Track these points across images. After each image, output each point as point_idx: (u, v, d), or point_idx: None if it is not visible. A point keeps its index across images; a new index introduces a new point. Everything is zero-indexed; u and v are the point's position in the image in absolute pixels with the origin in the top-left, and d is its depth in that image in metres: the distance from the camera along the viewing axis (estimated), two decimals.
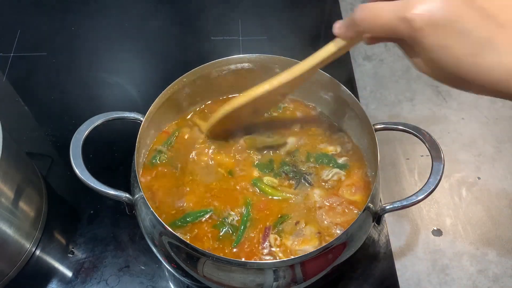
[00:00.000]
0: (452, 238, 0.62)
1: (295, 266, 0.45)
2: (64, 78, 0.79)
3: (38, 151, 0.70)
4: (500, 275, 0.59)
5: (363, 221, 0.48)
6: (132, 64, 0.82)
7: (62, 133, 0.71)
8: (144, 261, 0.59)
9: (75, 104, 0.75)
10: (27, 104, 0.75)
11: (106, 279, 0.58)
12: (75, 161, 0.49)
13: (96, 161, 0.66)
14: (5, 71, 0.78)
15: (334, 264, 0.48)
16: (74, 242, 0.61)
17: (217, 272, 0.46)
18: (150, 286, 0.58)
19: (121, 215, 0.63)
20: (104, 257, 0.60)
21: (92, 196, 0.64)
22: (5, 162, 0.52)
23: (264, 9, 0.89)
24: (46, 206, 0.63)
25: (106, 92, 0.77)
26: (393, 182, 0.67)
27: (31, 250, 0.60)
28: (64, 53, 0.82)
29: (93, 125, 0.52)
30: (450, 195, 0.66)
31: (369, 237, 0.61)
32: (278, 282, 0.46)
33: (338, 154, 0.57)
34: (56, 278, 0.58)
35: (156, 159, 0.56)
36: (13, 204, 0.55)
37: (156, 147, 0.57)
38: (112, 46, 0.83)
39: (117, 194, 0.49)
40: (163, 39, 0.85)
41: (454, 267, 0.60)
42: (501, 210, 0.64)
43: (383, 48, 0.84)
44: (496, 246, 0.62)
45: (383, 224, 0.62)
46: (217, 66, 0.58)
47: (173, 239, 0.46)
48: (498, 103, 0.76)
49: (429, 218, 0.64)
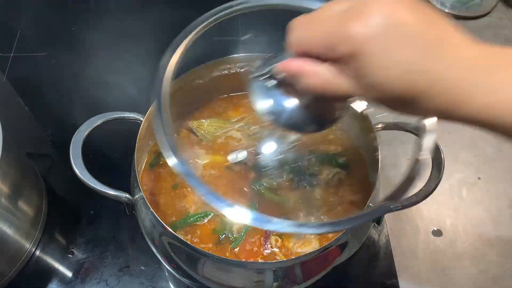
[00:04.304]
0: (452, 239, 0.62)
1: (295, 266, 0.45)
2: (64, 78, 0.79)
3: (38, 151, 0.70)
4: (500, 275, 0.59)
5: None
6: (132, 64, 0.81)
7: (62, 133, 0.71)
8: (144, 261, 0.59)
9: (75, 104, 0.75)
10: (27, 104, 0.75)
11: (106, 279, 0.58)
12: (75, 161, 0.49)
13: (96, 161, 0.66)
14: (5, 71, 0.78)
15: (334, 264, 0.48)
16: (74, 242, 0.61)
17: (217, 272, 0.46)
18: (150, 286, 0.58)
19: (121, 215, 0.63)
20: (104, 257, 0.60)
21: (92, 197, 0.63)
22: (5, 162, 0.52)
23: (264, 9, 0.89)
24: (46, 206, 0.63)
25: (106, 92, 0.77)
26: (393, 182, 0.67)
27: (31, 250, 0.60)
28: (64, 53, 0.81)
29: (93, 125, 0.52)
30: (450, 195, 0.66)
31: (369, 237, 0.61)
32: (278, 282, 0.46)
33: (339, 154, 0.57)
34: (56, 278, 0.58)
35: (156, 160, 0.56)
36: (13, 204, 0.55)
37: (156, 149, 0.57)
38: (112, 46, 0.83)
39: (117, 194, 0.49)
40: (163, 38, 0.85)
41: (454, 267, 0.60)
42: (501, 210, 0.64)
43: None
44: (496, 246, 0.61)
45: (383, 224, 0.62)
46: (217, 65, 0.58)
47: (173, 240, 0.46)
48: None
49: (429, 218, 0.64)
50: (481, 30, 0.85)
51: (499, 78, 0.27)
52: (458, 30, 0.29)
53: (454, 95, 0.27)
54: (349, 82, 0.30)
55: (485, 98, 0.27)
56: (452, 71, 0.27)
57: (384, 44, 0.27)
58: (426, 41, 0.27)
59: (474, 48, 0.28)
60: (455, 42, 0.28)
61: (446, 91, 0.28)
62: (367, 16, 0.28)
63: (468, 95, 0.27)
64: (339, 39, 0.28)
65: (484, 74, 0.27)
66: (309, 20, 0.31)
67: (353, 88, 0.30)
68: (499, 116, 0.27)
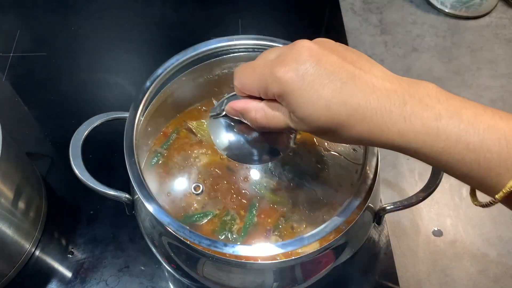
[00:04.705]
0: (453, 239, 0.62)
1: (295, 266, 0.45)
2: (64, 78, 0.79)
3: (38, 151, 0.70)
4: (500, 275, 0.59)
5: (363, 222, 0.48)
6: (132, 64, 0.82)
7: (62, 133, 0.71)
8: (144, 261, 0.59)
9: (75, 104, 0.75)
10: (27, 104, 0.75)
11: (106, 279, 0.58)
12: (74, 161, 0.49)
13: (96, 161, 0.66)
14: (5, 71, 0.78)
15: (334, 265, 0.48)
16: (74, 242, 0.61)
17: (217, 272, 0.46)
18: (150, 286, 0.58)
19: (120, 215, 0.63)
20: (104, 258, 0.60)
21: (92, 197, 0.63)
22: (5, 162, 0.52)
23: (264, 9, 0.89)
24: (46, 206, 0.63)
25: (106, 92, 0.77)
26: (393, 182, 0.67)
27: (31, 251, 0.60)
28: (64, 53, 0.81)
29: (93, 125, 0.51)
30: (451, 195, 0.66)
31: (369, 238, 0.61)
32: (278, 282, 0.46)
33: (339, 154, 0.57)
34: (56, 279, 0.58)
35: (154, 160, 0.56)
36: (13, 205, 0.55)
37: (156, 149, 0.57)
38: (112, 46, 0.83)
39: (117, 194, 0.49)
40: (163, 39, 0.85)
41: (454, 267, 0.60)
42: (501, 210, 0.64)
43: (384, 48, 0.83)
44: (497, 246, 0.61)
45: (383, 225, 0.62)
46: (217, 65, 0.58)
47: (173, 240, 0.45)
48: (499, 103, 0.76)
49: (430, 218, 0.64)
50: (481, 30, 0.85)
51: (410, 107, 0.30)
52: (376, 66, 0.33)
53: (374, 123, 0.31)
54: (284, 116, 0.35)
55: (400, 126, 0.31)
56: (370, 102, 0.31)
57: (306, 83, 0.32)
58: (341, 78, 0.32)
59: (393, 80, 0.32)
60: (372, 76, 0.32)
61: (365, 120, 0.31)
62: (292, 61, 0.33)
63: (387, 122, 0.31)
64: (270, 81, 0.34)
65: (400, 103, 0.31)
66: (247, 67, 0.37)
67: (288, 121, 0.35)
68: (412, 142, 0.31)
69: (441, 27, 0.86)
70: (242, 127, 0.42)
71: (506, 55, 0.82)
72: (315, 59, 0.32)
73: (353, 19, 0.87)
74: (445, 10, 0.88)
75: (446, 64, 0.81)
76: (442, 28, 0.86)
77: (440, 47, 0.84)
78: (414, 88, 0.31)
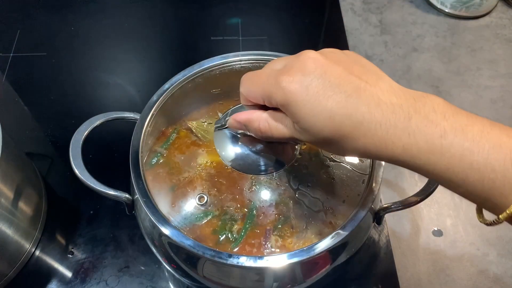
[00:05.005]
0: (453, 239, 0.62)
1: (295, 266, 0.45)
2: (64, 78, 0.79)
3: (38, 151, 0.70)
4: (500, 275, 0.59)
5: (363, 222, 0.48)
6: (132, 64, 0.82)
7: (62, 133, 0.71)
8: (144, 261, 0.59)
9: (75, 104, 0.75)
10: (27, 104, 0.75)
11: (106, 279, 0.58)
12: (74, 161, 0.49)
13: (96, 161, 0.66)
14: (5, 71, 0.78)
15: (334, 265, 0.48)
16: (74, 242, 0.61)
17: (217, 272, 0.46)
18: (150, 286, 0.58)
19: (120, 215, 0.63)
20: (104, 258, 0.60)
21: (92, 197, 0.63)
22: (5, 162, 0.52)
23: (264, 9, 0.89)
24: (46, 206, 0.63)
25: (106, 92, 0.77)
26: (393, 182, 0.67)
27: (31, 251, 0.60)
28: (64, 53, 0.82)
29: (93, 125, 0.51)
30: (451, 195, 0.66)
31: (369, 238, 0.61)
32: (278, 282, 0.46)
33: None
34: (56, 279, 0.58)
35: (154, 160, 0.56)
36: (13, 204, 0.55)
37: (156, 149, 0.57)
38: (112, 46, 0.83)
39: (117, 194, 0.49)
40: (163, 39, 0.85)
41: (454, 267, 0.60)
42: None
43: (384, 48, 0.83)
44: (497, 246, 0.61)
45: (383, 225, 0.62)
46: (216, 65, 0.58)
47: (173, 240, 0.45)
48: (499, 103, 0.76)
49: (430, 218, 0.64)
50: (481, 30, 0.85)
51: (415, 123, 0.30)
52: (383, 79, 0.33)
53: (379, 137, 0.31)
54: (287, 126, 0.35)
55: (405, 141, 0.30)
56: (375, 115, 0.31)
57: (310, 95, 0.32)
58: (346, 91, 0.31)
59: (399, 94, 0.32)
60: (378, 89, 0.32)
61: (369, 133, 0.31)
62: (297, 71, 0.33)
63: (392, 137, 0.31)
64: (274, 90, 0.34)
65: (405, 118, 0.30)
66: (254, 75, 0.37)
67: (292, 131, 0.35)
68: (416, 158, 0.31)
69: (441, 27, 0.86)
70: (247, 138, 0.43)
71: (506, 55, 0.82)
72: (320, 70, 0.32)
73: (353, 19, 0.87)
74: (445, 10, 0.88)
75: (446, 64, 0.81)
76: (442, 28, 0.86)
77: (440, 47, 0.84)
78: (420, 102, 0.31)
